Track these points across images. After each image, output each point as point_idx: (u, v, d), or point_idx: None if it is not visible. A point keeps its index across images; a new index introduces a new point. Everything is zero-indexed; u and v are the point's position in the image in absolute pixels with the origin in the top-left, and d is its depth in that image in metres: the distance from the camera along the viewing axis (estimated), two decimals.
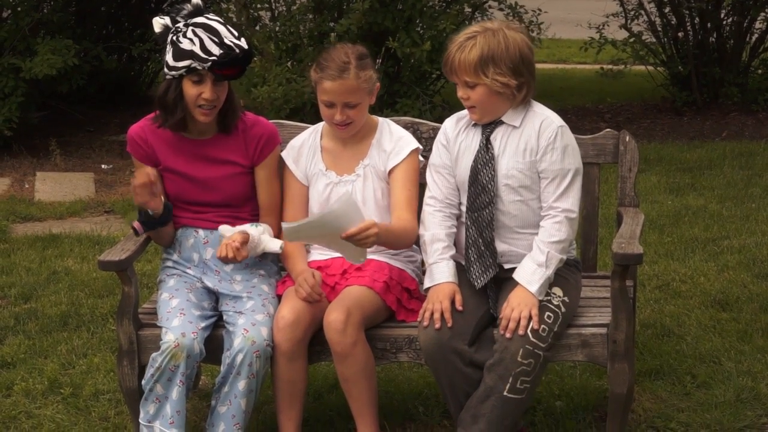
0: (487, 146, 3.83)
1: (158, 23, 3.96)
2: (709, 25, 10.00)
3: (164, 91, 3.92)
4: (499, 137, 3.83)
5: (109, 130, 9.63)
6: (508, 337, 3.67)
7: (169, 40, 3.90)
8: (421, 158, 4.06)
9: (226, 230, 3.95)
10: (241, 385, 3.77)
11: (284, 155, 4.11)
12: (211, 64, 3.83)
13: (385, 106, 8.02)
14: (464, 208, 3.89)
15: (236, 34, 3.90)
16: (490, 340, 3.74)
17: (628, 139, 4.23)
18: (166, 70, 3.91)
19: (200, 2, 3.96)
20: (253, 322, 3.80)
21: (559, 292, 3.79)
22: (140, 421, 3.81)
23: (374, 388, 3.85)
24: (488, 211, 3.82)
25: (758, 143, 8.70)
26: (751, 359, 4.63)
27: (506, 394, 3.65)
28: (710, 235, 6.32)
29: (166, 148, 4.01)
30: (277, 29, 8.70)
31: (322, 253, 4.06)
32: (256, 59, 8.02)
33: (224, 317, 3.91)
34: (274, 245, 3.95)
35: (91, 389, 4.53)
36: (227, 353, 3.80)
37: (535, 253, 3.77)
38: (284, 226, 3.71)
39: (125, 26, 10.27)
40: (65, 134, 9.30)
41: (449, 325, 3.71)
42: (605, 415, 3.97)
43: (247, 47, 3.90)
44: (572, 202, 3.80)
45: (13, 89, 8.54)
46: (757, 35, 10.15)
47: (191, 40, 3.84)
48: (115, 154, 8.86)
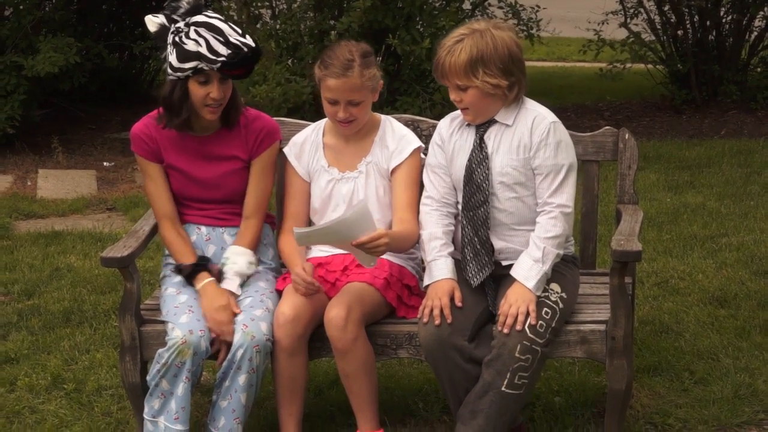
0: (481, 145, 3.83)
1: (152, 22, 3.91)
2: (708, 23, 10.00)
3: (169, 92, 3.88)
4: (492, 136, 3.84)
5: (110, 127, 9.63)
6: (505, 333, 3.67)
7: (170, 40, 3.85)
8: (423, 156, 4.05)
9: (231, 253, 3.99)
10: (241, 379, 3.77)
11: (286, 151, 4.11)
12: (220, 65, 3.81)
13: (385, 103, 8.02)
14: (460, 207, 3.89)
15: (239, 31, 3.86)
16: (489, 336, 3.74)
17: (627, 136, 4.24)
18: (169, 71, 3.85)
19: (200, 0, 3.92)
20: (252, 317, 3.81)
21: (556, 288, 3.79)
22: (144, 416, 3.81)
23: (374, 383, 3.86)
24: (483, 209, 3.82)
25: (757, 141, 8.70)
26: (748, 356, 4.64)
27: (504, 389, 3.66)
28: (709, 232, 6.32)
29: (170, 145, 4.01)
30: (277, 27, 8.70)
31: (322, 249, 4.06)
32: None
33: None
34: (232, 283, 3.95)
35: (93, 385, 4.54)
36: None
37: (531, 249, 3.78)
38: (296, 231, 3.71)
39: (126, 24, 10.28)
40: (67, 132, 9.30)
41: (449, 321, 3.72)
42: (604, 411, 3.98)
43: (254, 45, 3.86)
44: (567, 197, 3.80)
45: (15, 87, 8.56)
46: (756, 33, 10.15)
47: (196, 41, 3.79)
48: (117, 151, 8.86)
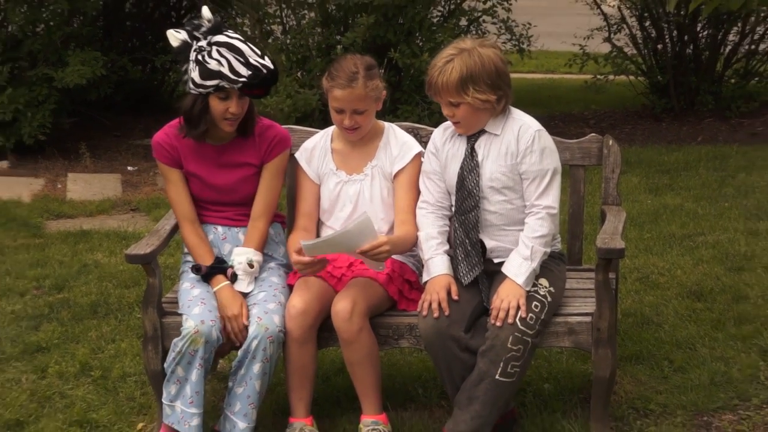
0: (472, 154, 3.84)
1: (175, 37, 3.89)
2: (686, 37, 10.00)
3: (190, 105, 3.87)
4: (482, 144, 3.85)
5: (134, 134, 9.63)
6: (498, 325, 3.68)
7: (193, 58, 3.83)
8: (423, 161, 4.05)
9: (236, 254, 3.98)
10: (256, 368, 3.78)
11: (297, 156, 4.12)
12: (240, 85, 3.80)
13: (387, 112, 8.03)
14: (453, 210, 3.90)
15: (259, 53, 3.85)
16: (483, 328, 3.75)
17: (611, 143, 4.24)
18: (191, 85, 3.85)
19: (219, 19, 3.91)
20: (265, 310, 3.81)
21: (545, 282, 3.80)
22: (163, 400, 3.83)
23: (378, 371, 3.87)
24: (474, 213, 3.83)
25: (731, 147, 8.69)
26: (723, 345, 4.63)
27: (498, 377, 3.66)
28: (686, 231, 6.31)
29: (189, 153, 4.01)
30: (288, 42, 8.71)
31: None
32: None
33: None
34: (243, 284, 3.94)
35: (118, 372, 4.55)
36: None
37: (521, 248, 3.78)
38: (303, 243, 3.73)
39: (149, 39, 10.29)
40: (94, 138, 9.30)
41: (446, 314, 3.72)
42: (590, 396, 3.98)
43: (273, 67, 3.86)
44: (552, 199, 3.81)
45: (46, 97, 8.57)
46: (730, 47, 10.14)
47: (218, 60, 3.79)
48: (140, 156, 8.87)
